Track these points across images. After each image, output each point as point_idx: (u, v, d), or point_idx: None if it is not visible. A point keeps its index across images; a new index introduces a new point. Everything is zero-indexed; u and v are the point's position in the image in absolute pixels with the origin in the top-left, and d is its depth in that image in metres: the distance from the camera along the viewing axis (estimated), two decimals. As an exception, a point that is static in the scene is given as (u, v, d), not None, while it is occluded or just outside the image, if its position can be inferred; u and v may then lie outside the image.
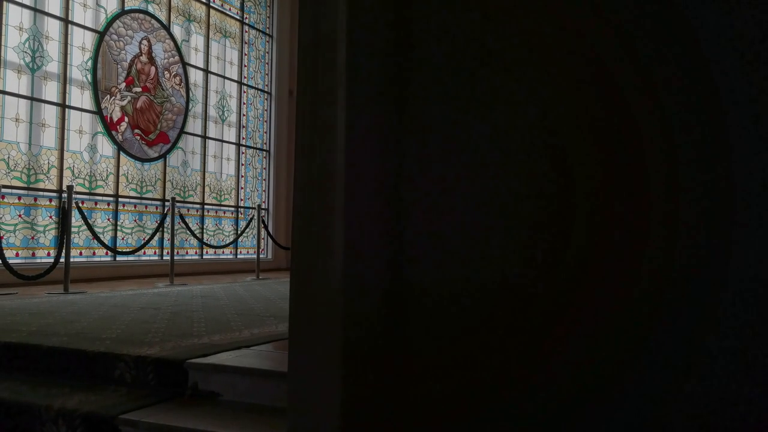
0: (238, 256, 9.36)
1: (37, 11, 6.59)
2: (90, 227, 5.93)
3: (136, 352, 2.47)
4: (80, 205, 6.29)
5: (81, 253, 6.94)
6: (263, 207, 9.80)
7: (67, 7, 6.89)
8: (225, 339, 2.82)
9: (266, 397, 2.16)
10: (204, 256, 8.76)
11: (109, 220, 7.41)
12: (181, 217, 7.04)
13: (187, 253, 8.44)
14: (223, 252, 8.99)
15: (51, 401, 2.20)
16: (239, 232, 8.99)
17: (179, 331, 3.10)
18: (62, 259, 5.50)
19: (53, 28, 6.77)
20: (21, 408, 2.21)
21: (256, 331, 3.10)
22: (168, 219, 6.87)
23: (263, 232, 9.05)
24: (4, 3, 6.25)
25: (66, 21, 6.89)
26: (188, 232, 7.66)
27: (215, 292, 5.52)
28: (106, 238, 7.15)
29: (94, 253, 7.19)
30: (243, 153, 9.64)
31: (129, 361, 2.43)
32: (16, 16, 6.37)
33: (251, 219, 8.45)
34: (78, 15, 7.06)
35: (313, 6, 1.29)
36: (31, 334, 2.93)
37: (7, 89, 6.28)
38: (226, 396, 2.23)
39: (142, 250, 7.13)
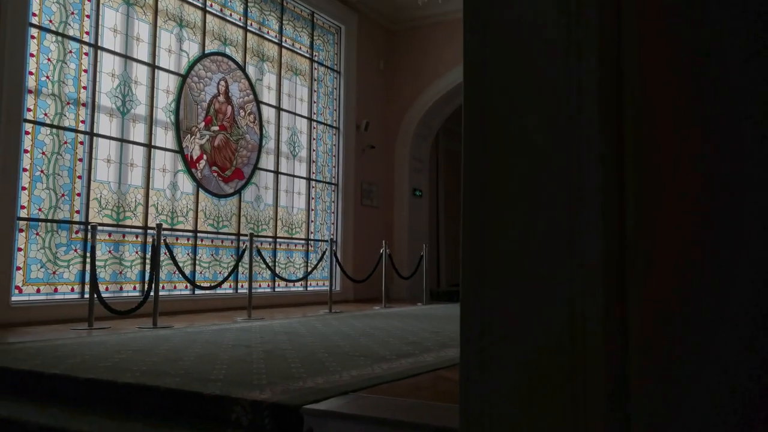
0: (308, 289, 9.51)
1: (128, 58, 6.99)
2: (176, 264, 6.17)
3: (250, 396, 2.56)
4: (165, 241, 6.55)
5: (163, 287, 7.19)
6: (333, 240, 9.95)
7: (154, 54, 7.28)
8: (328, 383, 2.88)
9: (384, 445, 2.19)
10: (276, 289, 8.94)
11: (188, 254, 7.69)
12: (259, 252, 7.23)
13: (260, 285, 8.63)
14: (294, 284, 9.16)
15: (177, 444, 2.29)
16: (312, 265, 9.16)
17: (280, 372, 3.18)
18: (150, 293, 5.74)
19: (141, 73, 7.16)
20: (149, 450, 2.31)
21: (354, 374, 3.15)
22: (245, 254, 7.07)
23: (334, 264, 9.16)
24: (99, 52, 6.66)
25: (153, 66, 7.27)
26: (263, 265, 7.86)
27: (296, 328, 5.63)
28: (186, 272, 7.40)
29: (174, 287, 7.45)
30: (313, 187, 9.86)
31: (245, 405, 2.52)
32: (109, 63, 6.78)
33: (324, 253, 8.58)
34: (163, 60, 7.44)
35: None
36: (144, 374, 3.07)
37: (101, 132, 6.65)
38: (343, 443, 2.28)
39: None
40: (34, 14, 6.11)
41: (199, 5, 7.99)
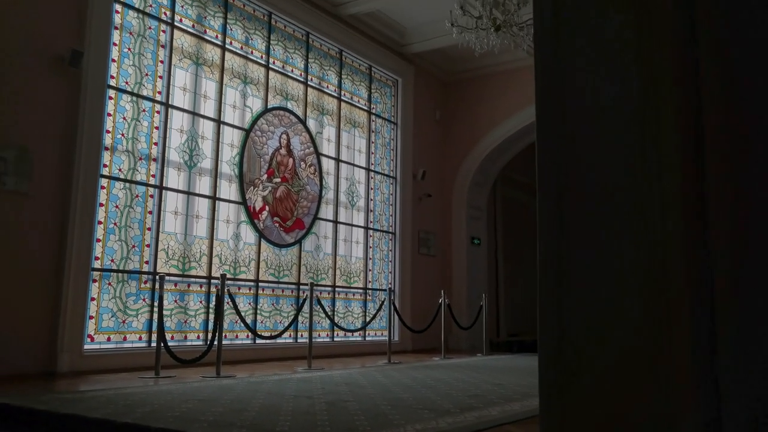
0: (367, 338, 9.47)
1: (196, 115, 7.33)
2: (239, 314, 6.28)
3: (317, 450, 2.54)
4: (228, 290, 6.69)
5: (225, 336, 7.31)
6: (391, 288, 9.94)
7: (219, 110, 7.61)
8: (394, 436, 2.84)
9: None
10: (334, 338, 8.95)
11: (250, 304, 7.81)
12: (319, 301, 7.28)
13: (319, 335, 8.66)
14: (352, 334, 9.15)
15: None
16: (371, 314, 9.15)
17: (344, 425, 3.15)
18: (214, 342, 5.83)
19: (208, 128, 7.48)
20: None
21: (418, 427, 3.10)
22: (305, 303, 7.13)
23: (393, 314, 9.12)
24: (169, 110, 7.01)
25: (218, 122, 7.59)
26: (322, 314, 7.90)
27: (356, 379, 5.59)
28: (247, 321, 7.50)
29: (236, 336, 7.56)
30: (371, 236, 9.94)
31: (312, 459, 2.50)
32: (178, 120, 7.12)
33: (383, 302, 8.57)
34: (228, 115, 7.76)
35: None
36: (211, 425, 3.10)
37: (169, 185, 6.94)
38: (411, 501, 2.23)
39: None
40: (112, 77, 6.51)
41: (263, 63, 8.34)
